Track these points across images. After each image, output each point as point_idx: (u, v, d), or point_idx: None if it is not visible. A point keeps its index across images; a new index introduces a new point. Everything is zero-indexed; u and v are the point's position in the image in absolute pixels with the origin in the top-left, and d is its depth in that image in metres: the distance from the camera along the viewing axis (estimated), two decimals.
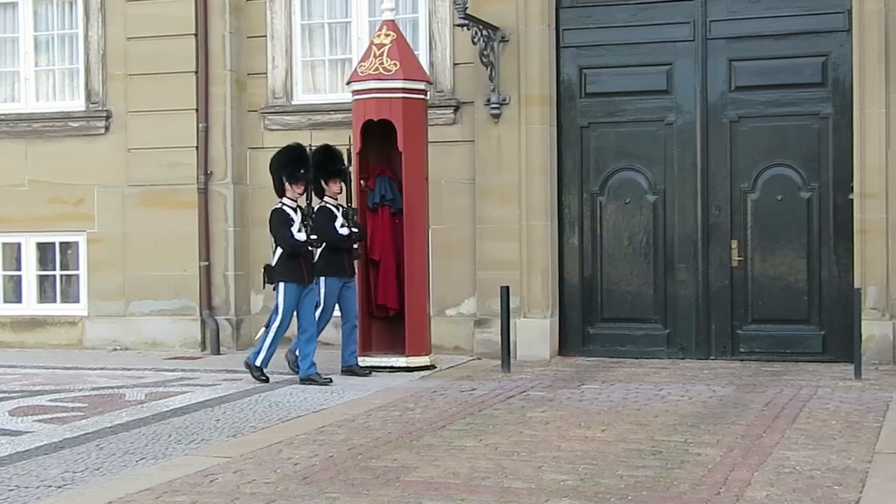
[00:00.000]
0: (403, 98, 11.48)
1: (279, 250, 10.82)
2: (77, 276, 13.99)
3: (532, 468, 7.21)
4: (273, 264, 10.85)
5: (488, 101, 12.35)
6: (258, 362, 10.91)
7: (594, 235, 12.51)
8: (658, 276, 12.30)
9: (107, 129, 13.71)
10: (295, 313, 10.91)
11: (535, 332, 12.28)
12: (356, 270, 11.42)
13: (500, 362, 11.46)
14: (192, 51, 13.30)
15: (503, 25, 12.31)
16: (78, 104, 13.94)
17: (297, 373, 11.08)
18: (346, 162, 11.35)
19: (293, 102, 13.40)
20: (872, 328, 11.25)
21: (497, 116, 12.35)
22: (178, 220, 13.31)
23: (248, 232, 13.50)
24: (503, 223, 12.33)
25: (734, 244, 12.03)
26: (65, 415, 9.41)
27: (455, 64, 12.74)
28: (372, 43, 11.74)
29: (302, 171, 10.86)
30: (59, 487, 6.95)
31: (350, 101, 11.81)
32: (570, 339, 12.56)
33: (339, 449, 7.87)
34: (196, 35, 13.29)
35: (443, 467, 7.28)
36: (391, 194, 11.81)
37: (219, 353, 13.11)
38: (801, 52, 11.85)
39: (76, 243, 13.96)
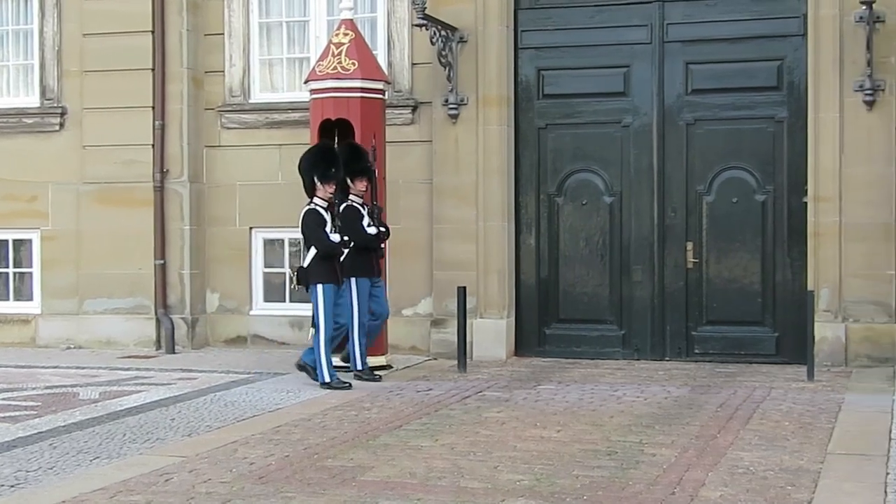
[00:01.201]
0: (361, 97, 11.47)
1: (312, 251, 10.58)
2: (30, 273, 13.88)
3: (488, 468, 7.23)
4: (305, 266, 10.62)
5: (446, 101, 12.36)
6: (327, 378, 10.43)
7: (551, 236, 12.55)
8: (614, 277, 12.36)
9: (62, 125, 13.61)
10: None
11: (492, 333, 12.30)
12: (381, 270, 11.25)
13: (456, 362, 11.48)
14: (148, 48, 13.22)
15: (462, 26, 12.32)
16: (32, 100, 13.83)
17: (370, 378, 10.81)
18: (371, 160, 11.15)
19: (251, 101, 13.35)
20: (825, 330, 11.35)
21: (455, 117, 12.36)
22: (134, 218, 13.23)
23: (204, 230, 13.44)
24: (460, 224, 12.35)
25: (689, 246, 12.11)
26: (17, 413, 9.32)
27: (413, 64, 12.74)
28: (330, 42, 11.72)
29: (333, 170, 10.60)
30: (12, 487, 6.89)
31: (308, 100, 11.79)
32: (527, 340, 12.59)
33: (296, 448, 7.86)
34: (153, 32, 13.21)
35: (399, 467, 7.28)
36: None
37: (174, 352, 13.04)
38: (756, 56, 11.94)
39: (30, 241, 13.85)
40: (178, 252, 13.31)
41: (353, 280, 10.79)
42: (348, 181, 10.88)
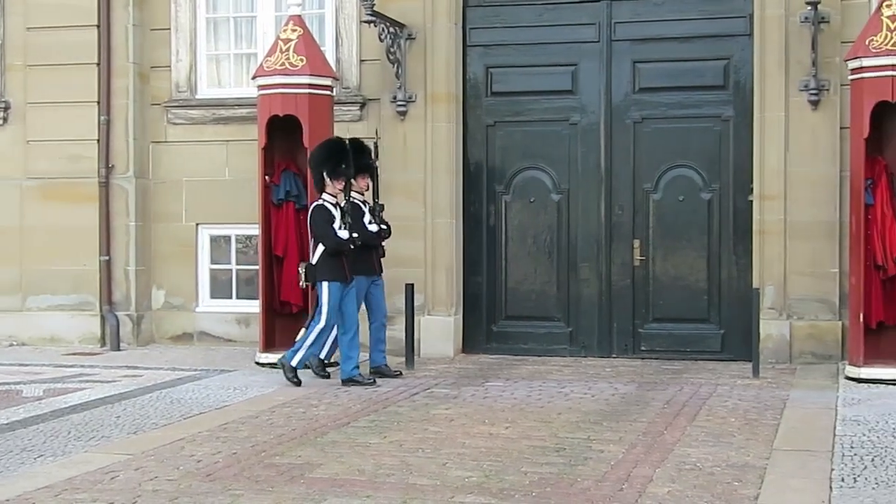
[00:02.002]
0: (309, 94, 11.45)
1: (320, 248, 10.48)
2: None
3: (437, 465, 7.23)
4: (314, 262, 10.50)
5: (394, 98, 12.34)
6: (294, 362, 10.40)
7: (499, 234, 12.57)
8: (561, 274, 12.40)
9: (5, 120, 13.43)
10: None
11: (440, 330, 12.30)
12: (383, 268, 11.14)
13: (404, 359, 11.46)
14: (94, 42, 13.09)
15: (410, 23, 12.31)
16: None
17: (321, 375, 10.74)
18: (374, 156, 11.06)
19: (197, 96, 13.26)
20: (770, 328, 11.45)
21: (403, 114, 12.35)
22: (79, 214, 13.10)
23: (150, 226, 13.33)
24: (408, 221, 12.31)
25: (636, 244, 12.17)
26: None
27: (362, 60, 12.70)
28: (278, 38, 11.67)
29: (343, 166, 10.49)
30: None
31: (255, 95, 11.74)
32: (474, 337, 12.60)
33: (243, 446, 7.82)
34: (98, 27, 13.09)
35: (347, 464, 7.27)
36: (296, 190, 11.77)
37: (119, 350, 12.92)
38: (703, 55, 12.01)
39: None
40: (124, 248, 13.19)
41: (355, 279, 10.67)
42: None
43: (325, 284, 10.40)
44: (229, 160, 12.99)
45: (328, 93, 11.67)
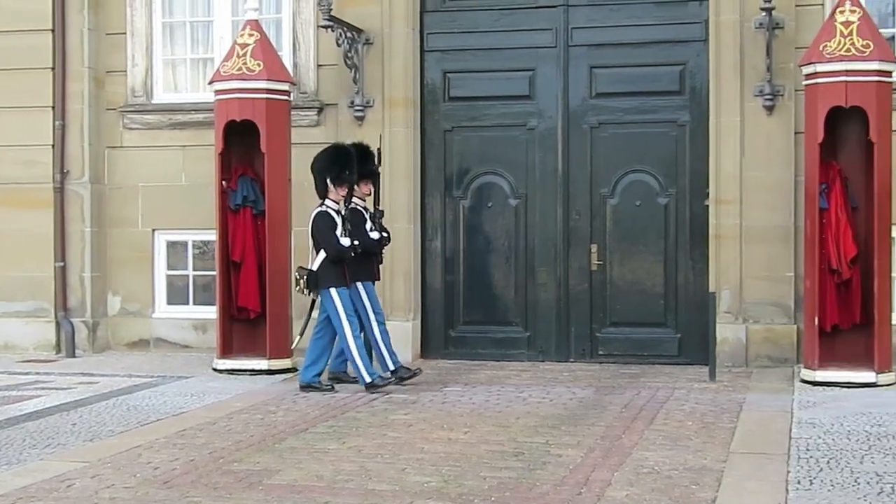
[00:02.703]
0: (267, 99, 11.41)
1: (321, 255, 10.37)
2: None
3: (396, 470, 7.22)
4: (315, 269, 10.38)
5: (352, 103, 12.33)
6: (368, 380, 10.19)
7: (456, 239, 12.58)
8: (519, 279, 12.42)
9: None
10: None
11: (398, 335, 12.19)
12: (381, 275, 11.05)
13: None
14: (48, 47, 12.99)
15: (368, 28, 12.30)
16: None
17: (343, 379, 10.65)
18: (377, 162, 10.94)
19: (153, 101, 13.18)
20: (726, 331, 11.52)
21: (361, 119, 12.33)
22: (33, 220, 12.98)
23: (106, 232, 13.24)
24: None
25: (594, 248, 12.21)
26: None
27: (319, 65, 12.68)
28: (235, 43, 11.64)
29: (347, 173, 10.40)
30: None
31: (212, 100, 11.69)
32: (432, 342, 12.60)
33: (201, 452, 7.78)
34: (53, 31, 12.98)
35: (306, 470, 7.25)
36: (253, 195, 11.71)
37: (74, 356, 12.82)
38: (659, 60, 12.08)
39: None
40: (79, 254, 13.09)
41: (359, 284, 10.57)
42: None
43: (333, 291, 10.29)
44: (186, 165, 12.93)
45: (285, 98, 11.64)
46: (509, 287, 12.46)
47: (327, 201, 10.48)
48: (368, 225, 10.77)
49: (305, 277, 10.40)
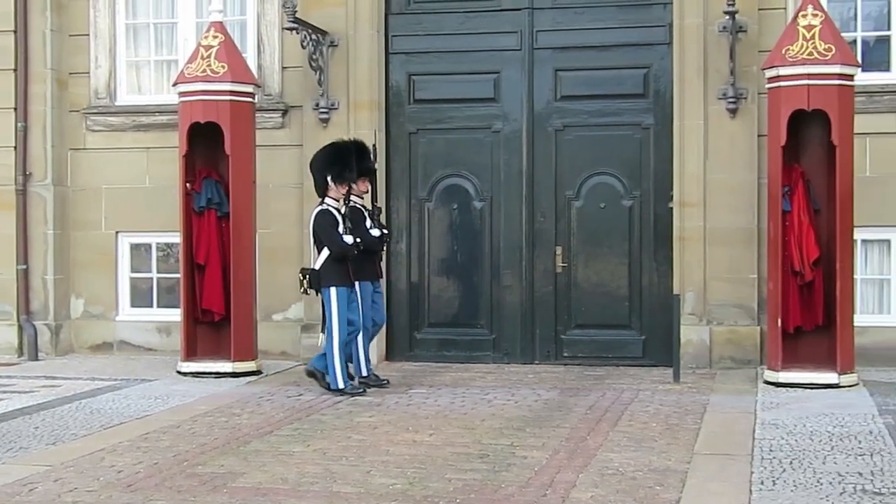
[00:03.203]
0: (231, 101, 11.37)
1: (324, 253, 10.27)
2: None
3: (361, 473, 7.22)
4: (318, 268, 10.30)
5: (317, 105, 12.31)
6: (340, 385, 10.18)
7: (422, 241, 12.58)
8: (484, 281, 12.43)
9: None
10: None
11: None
12: (383, 273, 11.01)
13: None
14: (10, 48, 12.89)
15: (333, 30, 12.28)
16: None
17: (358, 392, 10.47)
18: (374, 159, 10.86)
19: (117, 103, 13.11)
20: (690, 333, 11.57)
21: (326, 121, 12.32)
22: None
23: (69, 235, 13.15)
24: None
25: (558, 251, 12.24)
26: None
27: (284, 67, 12.65)
28: (199, 44, 11.59)
29: (349, 170, 10.31)
30: None
31: (176, 102, 11.64)
32: (398, 345, 12.60)
33: (165, 456, 7.75)
34: (15, 32, 12.88)
35: (271, 473, 7.23)
36: (218, 197, 11.67)
37: (37, 359, 12.73)
38: (624, 63, 12.12)
39: None
40: (42, 257, 13.00)
41: (356, 283, 10.48)
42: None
43: (332, 290, 10.22)
44: (150, 167, 12.87)
45: (250, 100, 11.61)
46: (474, 289, 12.47)
47: (327, 199, 10.39)
48: (368, 223, 10.70)
49: (308, 277, 10.32)
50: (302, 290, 10.53)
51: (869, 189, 11.15)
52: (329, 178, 10.35)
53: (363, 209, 10.76)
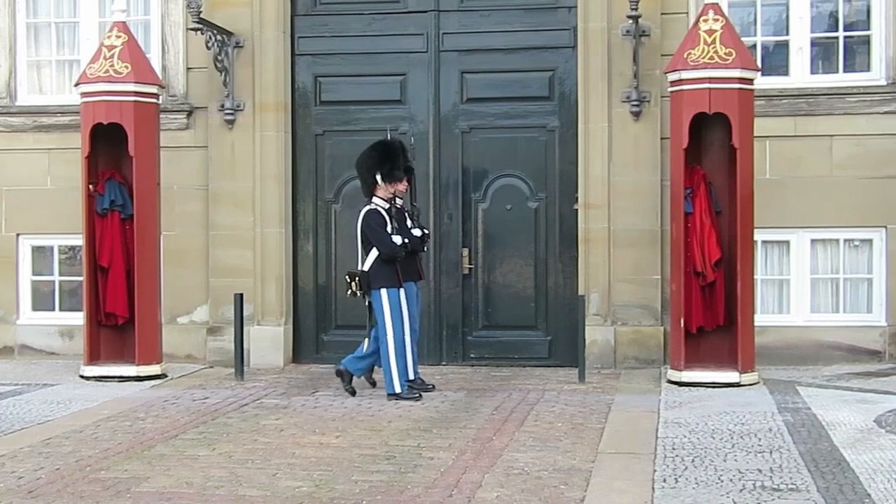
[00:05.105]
0: (135, 101, 11.25)
1: (373, 254, 10.07)
2: None
3: (267, 476, 7.19)
4: (367, 269, 10.15)
5: (222, 106, 12.23)
6: (396, 389, 10.01)
7: (328, 243, 12.55)
8: None
9: None
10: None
11: (269, 340, 12.22)
12: (423, 274, 10.84)
13: (233, 370, 11.36)
14: None
15: (238, 31, 12.21)
16: None
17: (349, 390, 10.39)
18: (411, 157, 10.59)
19: (17, 103, 12.89)
20: (595, 333, 11.69)
21: (231, 122, 12.24)
22: None
23: None
24: (237, 230, 12.24)
25: (465, 252, 12.29)
26: None
27: (189, 68, 12.54)
28: (102, 44, 11.45)
29: (398, 168, 10.09)
30: None
31: (78, 103, 11.49)
32: (304, 347, 12.56)
33: (67, 461, 7.65)
34: None
35: (175, 477, 7.18)
36: (121, 199, 11.55)
37: None
38: (529, 66, 12.20)
39: None
40: None
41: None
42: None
43: (383, 292, 10.06)
44: (52, 169, 12.68)
45: (154, 101, 11.49)
46: None
47: (375, 199, 10.23)
48: (409, 223, 10.51)
49: (357, 279, 10.14)
50: (350, 293, 10.33)
51: (769, 191, 11.37)
52: (379, 177, 10.16)
53: (404, 209, 10.57)
